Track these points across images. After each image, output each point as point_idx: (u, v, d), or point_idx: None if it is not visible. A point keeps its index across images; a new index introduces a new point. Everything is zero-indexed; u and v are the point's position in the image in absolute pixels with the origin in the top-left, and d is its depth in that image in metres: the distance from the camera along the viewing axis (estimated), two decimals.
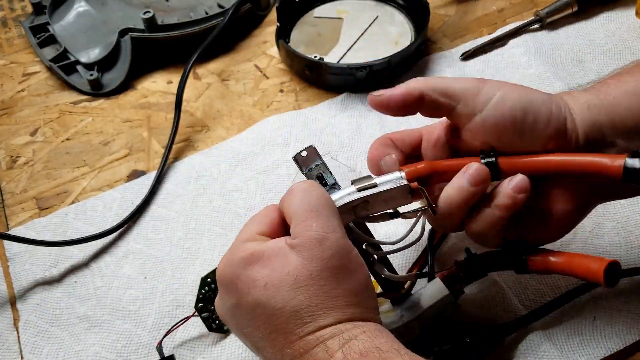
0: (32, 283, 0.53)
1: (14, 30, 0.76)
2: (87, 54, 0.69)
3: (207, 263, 0.53)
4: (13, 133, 0.64)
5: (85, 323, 0.50)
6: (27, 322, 0.50)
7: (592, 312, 0.47)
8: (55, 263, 0.53)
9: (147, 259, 0.54)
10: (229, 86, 0.68)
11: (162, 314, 0.50)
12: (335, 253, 0.37)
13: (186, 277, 0.52)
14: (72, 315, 0.50)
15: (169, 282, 0.52)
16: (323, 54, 0.67)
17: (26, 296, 0.52)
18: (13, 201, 0.58)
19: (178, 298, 0.51)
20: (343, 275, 0.37)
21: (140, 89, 0.68)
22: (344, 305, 0.37)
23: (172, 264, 0.53)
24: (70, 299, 0.51)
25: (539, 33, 0.69)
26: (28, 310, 0.51)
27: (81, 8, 0.72)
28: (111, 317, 0.50)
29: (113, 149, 0.62)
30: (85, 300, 0.51)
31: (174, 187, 0.58)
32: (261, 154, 0.60)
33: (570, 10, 0.69)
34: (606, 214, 0.52)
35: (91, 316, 0.50)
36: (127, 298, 0.51)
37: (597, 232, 0.51)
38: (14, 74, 0.70)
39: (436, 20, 0.72)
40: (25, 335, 0.50)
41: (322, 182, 0.44)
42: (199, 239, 0.55)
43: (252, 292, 0.37)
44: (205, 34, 0.69)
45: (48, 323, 0.50)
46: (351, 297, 0.37)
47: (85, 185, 0.59)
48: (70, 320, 0.50)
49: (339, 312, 0.37)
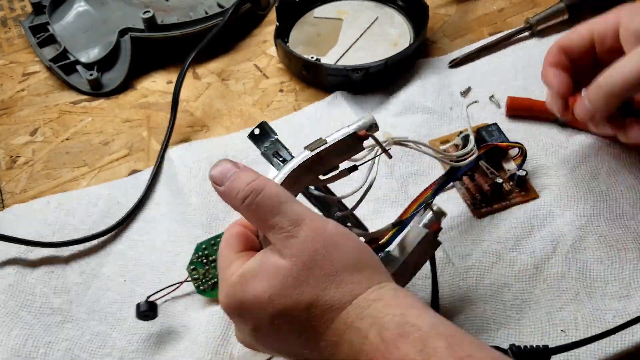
0: (6, 263, 0.52)
1: (13, 30, 0.76)
2: (87, 54, 0.69)
3: (185, 268, 0.51)
4: (13, 133, 0.64)
5: (58, 316, 0.49)
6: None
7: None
8: (32, 248, 0.53)
9: (128, 261, 0.53)
10: (229, 86, 0.68)
11: None
12: (315, 235, 0.37)
13: (165, 281, 0.51)
14: (45, 305, 0.50)
15: (147, 286, 0.51)
16: (322, 54, 0.67)
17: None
18: (13, 201, 0.58)
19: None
20: (332, 250, 0.37)
21: (140, 89, 0.68)
22: (350, 278, 0.36)
23: (152, 267, 0.52)
24: (45, 288, 0.51)
25: (529, 41, 0.69)
26: (0, 288, 0.50)
27: (81, 8, 0.72)
28: (87, 317, 0.49)
29: (113, 149, 0.62)
30: (61, 293, 0.51)
31: (162, 188, 0.58)
32: (244, 160, 0.58)
33: (561, 18, 0.68)
34: (588, 227, 0.52)
35: (66, 311, 0.50)
36: (105, 300, 0.51)
37: (578, 246, 0.51)
38: (14, 73, 0.70)
39: (436, 19, 0.72)
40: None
41: (280, 159, 0.44)
42: (180, 242, 0.54)
43: (261, 309, 0.37)
44: (205, 33, 0.68)
45: (19, 306, 0.49)
46: (352, 266, 0.37)
47: (85, 185, 0.59)
48: (42, 309, 0.49)
49: (349, 286, 0.36)
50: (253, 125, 0.63)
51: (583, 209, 0.53)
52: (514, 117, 0.61)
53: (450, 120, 0.61)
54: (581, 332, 0.47)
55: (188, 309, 0.50)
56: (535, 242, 0.52)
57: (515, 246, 0.52)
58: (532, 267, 0.50)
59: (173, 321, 0.49)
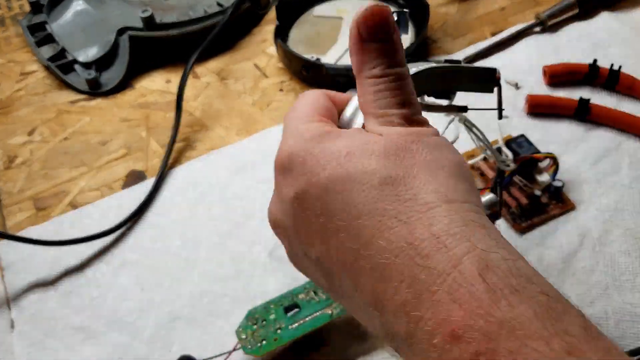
0: (28, 292, 0.51)
1: (11, 28, 0.75)
2: (85, 53, 0.68)
3: (205, 274, 0.51)
4: (10, 133, 0.64)
5: (80, 334, 0.49)
6: (22, 332, 0.49)
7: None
8: (50, 272, 0.52)
9: (143, 270, 0.52)
10: (228, 85, 0.67)
11: (159, 326, 0.49)
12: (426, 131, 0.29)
13: (183, 288, 0.51)
14: (67, 326, 0.49)
15: (166, 294, 0.51)
16: (322, 53, 0.67)
17: (21, 306, 0.51)
18: (10, 201, 0.58)
19: (175, 310, 0.50)
20: (439, 154, 0.28)
21: (138, 88, 0.67)
22: (448, 189, 0.27)
23: (169, 275, 0.52)
24: (66, 309, 0.50)
25: (541, 36, 0.68)
26: (23, 320, 0.50)
27: (79, 7, 0.71)
28: (107, 329, 0.49)
29: (111, 149, 0.62)
30: (81, 311, 0.50)
31: (171, 195, 0.57)
32: (262, 163, 0.59)
33: (572, 12, 0.69)
34: (613, 221, 0.52)
35: (87, 327, 0.49)
36: (123, 309, 0.50)
37: (604, 240, 0.51)
38: (12, 73, 0.70)
39: (438, 18, 0.72)
40: (20, 346, 0.48)
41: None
42: (196, 248, 0.53)
43: (328, 165, 0.28)
44: (204, 32, 0.68)
45: (43, 334, 0.49)
46: (452, 179, 0.28)
47: (83, 185, 0.59)
48: (65, 331, 0.49)
49: (445, 194, 0.27)
50: (253, 126, 0.63)
51: (606, 203, 0.53)
52: (533, 114, 0.61)
53: None
54: (612, 326, 0.46)
55: (211, 315, 0.49)
56: (561, 237, 0.51)
57: (542, 242, 0.51)
58: (561, 261, 0.50)
59: (197, 329, 0.49)
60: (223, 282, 0.51)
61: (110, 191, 0.58)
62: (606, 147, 0.57)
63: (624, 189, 0.54)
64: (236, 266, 0.52)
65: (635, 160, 0.56)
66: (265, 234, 0.52)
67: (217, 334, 0.48)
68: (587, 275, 0.49)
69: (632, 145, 0.57)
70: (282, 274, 0.50)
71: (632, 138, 0.57)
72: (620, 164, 0.56)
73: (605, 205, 0.53)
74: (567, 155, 0.57)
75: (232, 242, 0.53)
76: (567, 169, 0.55)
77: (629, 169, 0.55)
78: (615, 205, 0.53)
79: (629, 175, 0.55)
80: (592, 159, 0.56)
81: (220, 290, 0.50)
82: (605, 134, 0.58)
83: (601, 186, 0.54)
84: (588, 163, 0.56)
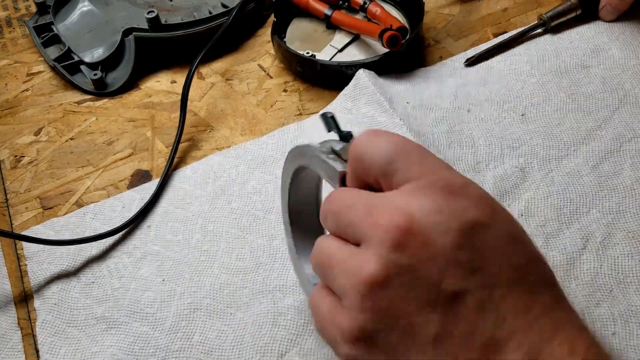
0: (50, 283, 0.52)
1: (18, 30, 0.76)
2: (91, 54, 0.69)
3: (224, 266, 0.52)
4: (17, 133, 0.64)
5: (102, 324, 0.50)
6: (45, 321, 0.50)
7: None
8: (73, 263, 0.53)
9: (165, 261, 0.53)
10: (233, 86, 0.68)
11: (180, 317, 0.49)
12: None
13: (204, 280, 0.51)
14: (90, 316, 0.50)
15: (187, 285, 0.51)
16: (317, 50, 0.67)
17: (44, 295, 0.52)
18: (17, 200, 0.58)
19: (196, 301, 0.50)
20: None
21: (144, 89, 0.68)
22: None
23: (189, 266, 0.53)
24: (88, 299, 0.51)
25: (543, 38, 0.69)
26: (46, 309, 0.51)
27: (85, 8, 0.72)
28: (129, 319, 0.50)
29: (117, 149, 0.62)
30: (103, 301, 0.51)
31: (191, 188, 0.58)
32: (281, 159, 0.59)
33: (574, 14, 0.69)
34: (615, 223, 0.52)
35: (108, 317, 0.50)
36: (144, 300, 0.51)
37: (607, 243, 0.51)
38: (18, 73, 0.70)
39: (440, 19, 0.72)
40: (43, 335, 0.49)
41: None
42: (217, 241, 0.54)
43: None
44: (209, 33, 0.69)
45: (65, 323, 0.50)
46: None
47: (89, 185, 0.59)
48: (87, 321, 0.50)
49: None
50: (256, 126, 0.64)
51: (608, 205, 0.53)
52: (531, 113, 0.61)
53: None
54: (619, 328, 0.46)
55: (230, 306, 0.50)
56: (565, 239, 0.51)
57: (546, 244, 0.51)
58: (565, 263, 0.50)
59: (217, 320, 0.49)
60: (243, 274, 0.52)
61: (117, 191, 0.59)
62: (608, 149, 0.57)
63: (626, 190, 0.54)
64: (256, 259, 0.52)
65: (636, 161, 0.56)
66: (283, 228, 0.53)
67: (237, 326, 0.49)
68: (592, 278, 0.49)
69: (634, 147, 0.57)
70: None
71: (634, 140, 0.58)
72: (622, 166, 0.56)
73: (608, 207, 0.53)
74: (567, 156, 0.57)
75: (251, 235, 0.54)
76: (567, 172, 0.56)
77: (630, 170, 0.56)
78: (617, 207, 0.53)
79: (631, 177, 0.55)
80: (594, 161, 0.56)
81: (240, 282, 0.51)
82: (606, 135, 0.58)
83: (602, 189, 0.54)
84: (589, 165, 0.56)
